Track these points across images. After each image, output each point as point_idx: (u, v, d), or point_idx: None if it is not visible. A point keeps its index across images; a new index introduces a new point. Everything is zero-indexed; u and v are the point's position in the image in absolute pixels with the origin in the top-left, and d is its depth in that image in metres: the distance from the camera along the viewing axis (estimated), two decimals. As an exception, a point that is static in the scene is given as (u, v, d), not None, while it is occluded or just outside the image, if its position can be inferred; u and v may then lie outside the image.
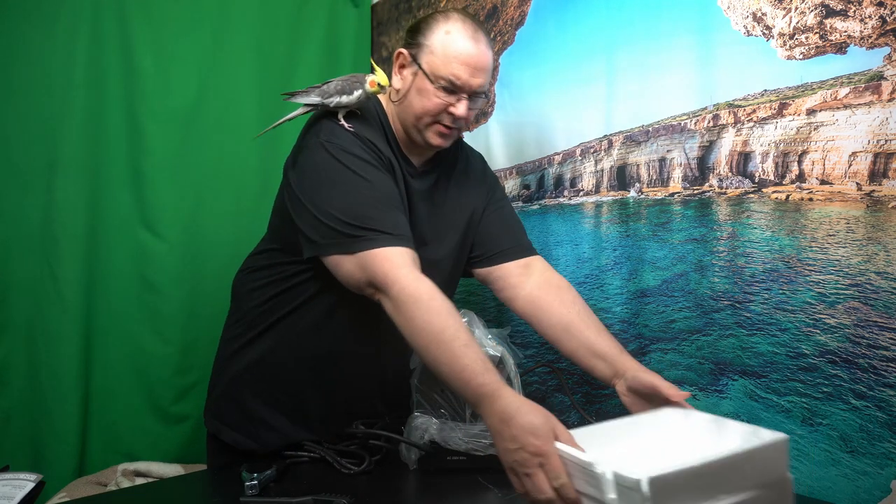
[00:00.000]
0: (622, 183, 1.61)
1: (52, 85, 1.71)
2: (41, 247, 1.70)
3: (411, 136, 1.28)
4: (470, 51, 1.21)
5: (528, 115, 1.83)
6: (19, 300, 1.69)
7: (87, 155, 1.75)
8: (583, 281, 1.66)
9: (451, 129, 1.25)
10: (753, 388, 1.30)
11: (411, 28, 1.29)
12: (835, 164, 1.23)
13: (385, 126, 1.29)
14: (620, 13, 1.58)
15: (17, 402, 1.68)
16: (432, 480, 1.17)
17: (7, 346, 1.68)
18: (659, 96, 1.51)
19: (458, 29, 1.22)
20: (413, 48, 1.24)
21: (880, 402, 1.13)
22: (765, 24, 1.32)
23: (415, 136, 1.27)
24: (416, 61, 1.23)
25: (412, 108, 1.24)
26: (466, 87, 1.21)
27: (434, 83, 1.21)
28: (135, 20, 1.82)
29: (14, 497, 1.02)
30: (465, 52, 1.20)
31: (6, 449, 1.65)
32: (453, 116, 1.22)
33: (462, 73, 1.20)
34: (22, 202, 1.69)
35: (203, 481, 1.36)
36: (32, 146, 1.69)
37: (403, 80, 1.26)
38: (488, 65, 1.24)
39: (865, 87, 1.18)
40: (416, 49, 1.24)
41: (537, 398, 1.70)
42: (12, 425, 1.67)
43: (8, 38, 1.67)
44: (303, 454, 1.29)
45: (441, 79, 1.20)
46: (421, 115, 1.23)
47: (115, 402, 1.80)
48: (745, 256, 1.34)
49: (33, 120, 1.69)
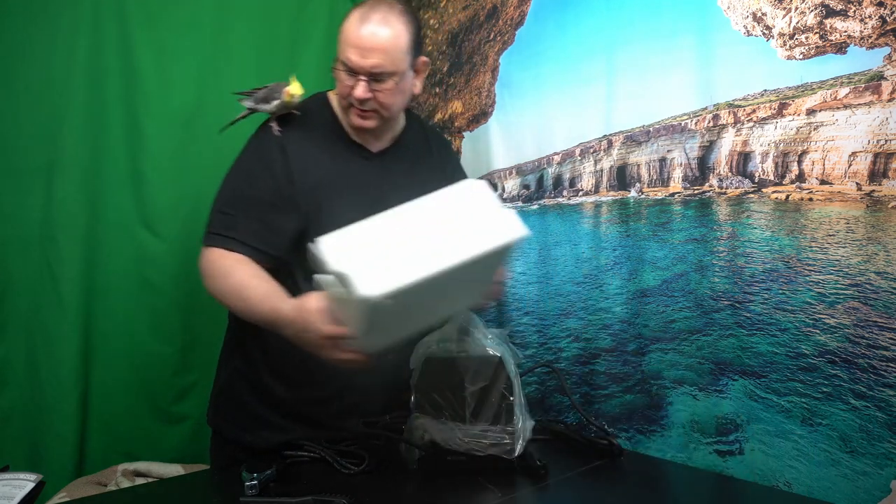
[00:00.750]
0: (622, 183, 1.61)
1: (52, 85, 1.71)
2: (41, 246, 1.70)
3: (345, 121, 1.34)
4: (357, 33, 1.23)
5: (527, 115, 1.83)
6: (19, 300, 1.69)
7: (87, 155, 1.75)
8: (582, 281, 1.66)
9: (364, 111, 1.28)
10: (753, 388, 1.30)
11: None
12: (835, 164, 1.23)
13: (333, 120, 1.35)
14: (620, 13, 1.58)
15: (17, 402, 1.68)
16: (432, 480, 1.17)
17: (6, 345, 1.67)
18: (659, 96, 1.51)
19: (358, 13, 1.25)
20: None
21: (880, 402, 1.13)
22: (765, 24, 1.32)
23: (344, 120, 1.34)
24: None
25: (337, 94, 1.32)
26: (359, 69, 1.24)
27: (339, 69, 1.26)
28: (135, 20, 1.82)
29: (14, 497, 1.01)
30: (354, 35, 1.24)
31: (6, 449, 1.65)
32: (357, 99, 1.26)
33: (352, 56, 1.24)
34: (22, 202, 1.69)
35: (203, 481, 1.36)
36: (32, 146, 1.69)
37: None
38: (381, 44, 1.24)
39: (865, 87, 1.18)
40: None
41: (537, 398, 1.71)
42: (12, 425, 1.67)
43: (8, 38, 1.67)
44: (303, 454, 1.28)
45: (341, 63, 1.25)
46: (340, 100, 1.31)
47: (114, 402, 1.80)
48: (745, 256, 1.34)
49: (33, 120, 1.69)
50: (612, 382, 1.56)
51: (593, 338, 1.61)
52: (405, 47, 1.27)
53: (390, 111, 1.33)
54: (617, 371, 1.55)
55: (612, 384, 1.56)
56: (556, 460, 1.26)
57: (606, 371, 1.57)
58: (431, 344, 1.23)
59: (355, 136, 1.36)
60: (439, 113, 2.11)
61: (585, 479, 1.19)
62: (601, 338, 1.59)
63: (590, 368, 1.61)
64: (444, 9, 2.07)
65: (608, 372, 1.57)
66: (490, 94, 1.94)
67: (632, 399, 1.51)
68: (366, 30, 1.23)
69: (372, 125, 1.33)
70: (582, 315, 1.64)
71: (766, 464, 1.27)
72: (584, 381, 1.61)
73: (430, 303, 0.99)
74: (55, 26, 1.71)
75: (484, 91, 1.96)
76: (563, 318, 1.69)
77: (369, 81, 1.26)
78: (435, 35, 2.11)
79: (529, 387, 1.72)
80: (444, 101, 2.08)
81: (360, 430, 1.30)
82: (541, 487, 1.14)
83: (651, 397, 1.48)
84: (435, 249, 0.89)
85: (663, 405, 1.45)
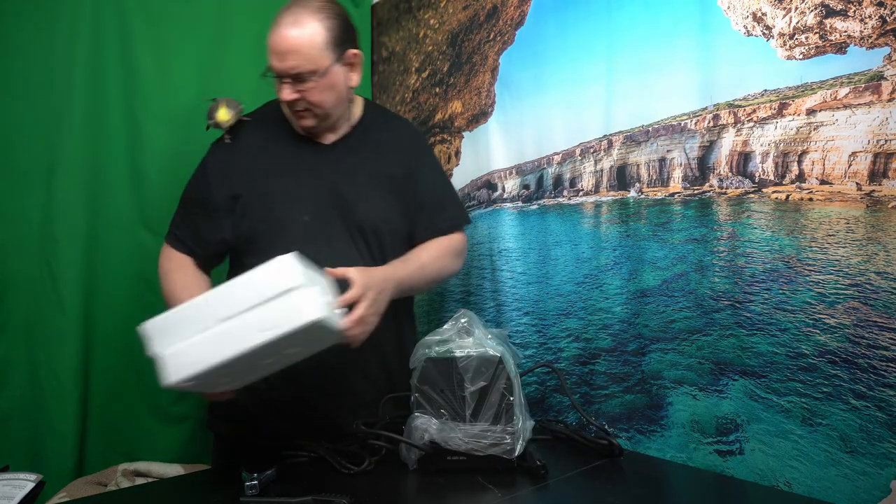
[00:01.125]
0: (622, 183, 1.61)
1: (52, 85, 1.71)
2: (41, 246, 1.70)
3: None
4: (273, 38, 1.28)
5: (527, 115, 1.83)
6: (19, 300, 1.69)
7: (87, 155, 1.75)
8: (582, 281, 1.66)
9: (298, 111, 1.34)
10: (753, 388, 1.30)
11: None
12: (835, 164, 1.23)
13: (284, 121, 1.41)
14: (620, 13, 1.58)
15: (17, 402, 1.68)
16: (432, 480, 1.17)
17: (6, 345, 1.67)
18: (659, 96, 1.51)
19: (277, 18, 1.29)
20: None
21: (880, 402, 1.13)
22: (765, 24, 1.32)
23: (294, 122, 1.40)
24: None
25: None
26: (281, 72, 1.29)
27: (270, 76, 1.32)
28: (135, 20, 1.82)
29: (14, 497, 1.01)
30: (271, 41, 1.29)
31: (6, 449, 1.65)
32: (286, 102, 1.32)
33: (273, 61, 1.29)
34: (22, 202, 1.69)
35: (203, 481, 1.36)
36: (32, 146, 1.69)
37: None
38: (295, 45, 1.27)
39: (865, 87, 1.17)
40: None
41: (537, 398, 1.71)
42: (12, 425, 1.67)
43: (8, 38, 1.67)
44: (303, 454, 1.28)
45: (269, 70, 1.31)
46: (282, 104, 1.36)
47: (114, 402, 1.80)
48: (745, 256, 1.34)
49: (33, 120, 1.69)
50: (612, 382, 1.56)
51: (593, 338, 1.61)
52: (322, 44, 1.29)
53: (323, 108, 1.35)
54: (617, 371, 1.55)
55: (612, 384, 1.56)
56: (556, 460, 1.27)
57: (606, 371, 1.57)
58: (432, 344, 1.23)
59: (305, 132, 1.41)
60: (439, 113, 2.11)
61: (585, 479, 1.19)
62: (601, 338, 1.59)
63: (590, 368, 1.61)
64: (444, 9, 2.07)
65: (608, 372, 1.57)
66: (490, 94, 1.94)
67: (632, 399, 1.51)
68: (279, 34, 1.27)
69: (311, 124, 1.37)
70: (582, 315, 1.64)
71: (766, 464, 1.27)
72: (584, 381, 1.61)
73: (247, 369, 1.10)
74: (55, 26, 1.71)
75: (484, 91, 1.96)
76: (563, 318, 1.69)
77: (293, 83, 1.29)
78: (435, 35, 2.11)
79: (529, 387, 1.72)
80: (444, 101, 2.08)
81: (361, 431, 1.31)
82: (541, 487, 1.14)
83: (651, 397, 1.48)
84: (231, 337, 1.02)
85: (663, 405, 1.45)
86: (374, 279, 1.23)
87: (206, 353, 1.02)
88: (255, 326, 1.02)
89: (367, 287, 1.20)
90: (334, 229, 1.37)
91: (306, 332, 1.04)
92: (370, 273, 1.24)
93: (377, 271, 1.28)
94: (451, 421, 1.19)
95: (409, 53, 2.21)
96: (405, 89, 2.23)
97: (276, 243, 1.29)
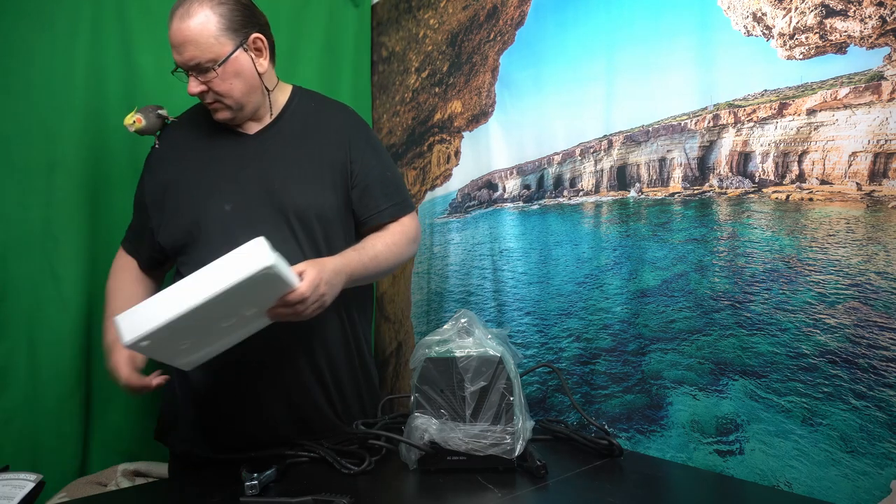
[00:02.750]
0: (622, 183, 1.61)
1: (52, 85, 1.71)
2: (41, 246, 1.70)
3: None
4: (170, 32, 1.27)
5: (528, 115, 1.83)
6: (19, 300, 1.69)
7: (89, 155, 1.75)
8: (583, 281, 1.66)
9: (211, 104, 1.34)
10: (753, 388, 1.30)
11: None
12: (835, 164, 1.23)
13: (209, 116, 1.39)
14: (620, 13, 1.58)
15: (18, 402, 1.68)
16: (432, 480, 1.17)
17: (8, 345, 1.67)
18: (659, 96, 1.51)
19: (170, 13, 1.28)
20: None
21: (880, 402, 1.13)
22: (765, 24, 1.32)
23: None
24: None
25: None
26: (181, 65, 1.29)
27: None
28: (135, 20, 1.82)
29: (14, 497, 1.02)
30: (170, 35, 1.28)
31: (6, 449, 1.65)
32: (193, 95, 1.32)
33: (174, 55, 1.29)
34: (23, 202, 1.69)
35: (203, 481, 1.36)
36: (32, 146, 1.69)
37: None
38: (188, 36, 1.25)
39: (865, 87, 1.18)
40: None
41: (538, 398, 1.71)
42: (12, 425, 1.67)
43: (8, 37, 1.67)
44: (303, 454, 1.28)
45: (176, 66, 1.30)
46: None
47: (115, 402, 1.80)
48: (745, 256, 1.34)
49: (33, 120, 1.69)
50: (613, 382, 1.56)
51: (594, 338, 1.61)
52: (215, 31, 1.27)
53: (233, 97, 1.33)
54: (617, 371, 1.55)
55: (613, 384, 1.56)
56: (556, 460, 1.27)
57: (607, 371, 1.57)
58: (431, 344, 1.23)
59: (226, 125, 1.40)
60: (439, 113, 2.11)
61: (585, 479, 1.19)
62: (601, 338, 1.59)
63: (590, 368, 1.61)
64: (444, 9, 2.07)
65: (608, 372, 1.57)
66: (490, 94, 1.94)
67: (632, 399, 1.51)
68: (172, 27, 1.26)
69: (227, 116, 1.36)
70: (582, 315, 1.64)
71: (766, 464, 1.27)
72: (584, 380, 1.61)
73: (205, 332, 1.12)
74: (55, 26, 1.71)
75: (484, 91, 1.96)
76: (563, 318, 1.69)
77: (196, 75, 1.29)
78: (435, 35, 2.11)
79: (530, 387, 1.73)
80: (444, 101, 2.08)
81: (361, 431, 1.31)
82: (541, 487, 1.14)
83: (651, 397, 1.48)
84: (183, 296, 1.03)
85: (663, 405, 1.45)
86: (325, 271, 1.22)
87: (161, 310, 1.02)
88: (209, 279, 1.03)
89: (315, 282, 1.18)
90: (260, 216, 1.33)
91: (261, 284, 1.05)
92: (322, 264, 1.23)
93: (328, 262, 1.26)
94: (451, 421, 1.20)
95: (409, 53, 2.21)
96: (405, 89, 2.23)
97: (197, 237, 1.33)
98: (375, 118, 2.36)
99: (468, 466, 1.19)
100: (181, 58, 1.27)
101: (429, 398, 1.21)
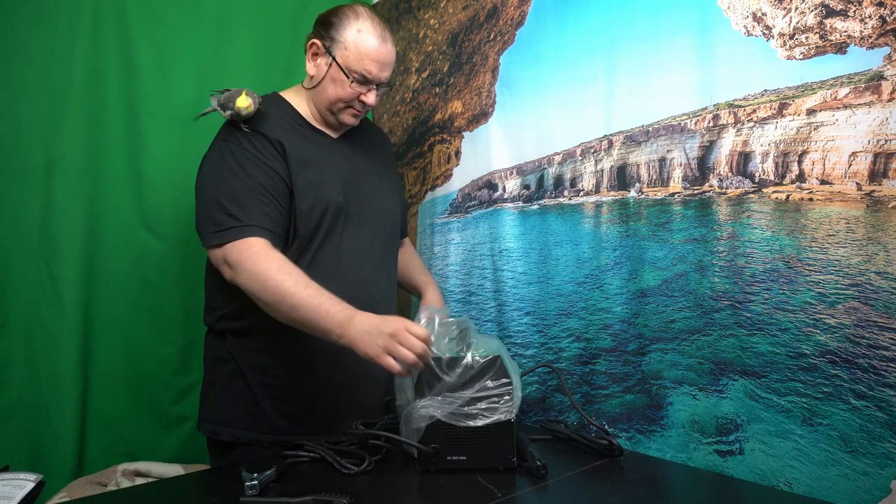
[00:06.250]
0: (622, 183, 1.61)
1: (52, 85, 1.71)
2: (40, 246, 1.70)
3: (325, 117, 1.48)
4: (379, 49, 1.40)
5: (528, 115, 1.83)
6: (18, 300, 1.69)
7: (87, 155, 1.75)
8: (583, 281, 1.66)
9: (359, 112, 1.47)
10: (753, 388, 1.30)
11: (323, 20, 1.44)
12: (835, 164, 1.22)
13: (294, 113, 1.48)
14: (620, 13, 1.58)
15: (17, 402, 1.68)
16: (432, 480, 1.17)
17: (6, 345, 1.68)
18: (659, 96, 1.50)
19: (367, 28, 1.40)
20: (326, 41, 1.41)
21: (880, 402, 1.13)
22: (765, 24, 1.32)
23: (329, 117, 1.47)
24: (331, 54, 1.40)
25: (326, 94, 1.43)
26: (376, 80, 1.43)
27: (349, 77, 1.40)
28: (134, 19, 1.82)
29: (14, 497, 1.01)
30: (375, 51, 1.39)
31: (6, 449, 1.65)
32: (364, 104, 1.44)
33: (373, 69, 1.40)
34: (21, 202, 1.69)
35: (203, 481, 1.36)
36: (32, 146, 1.69)
37: (317, 68, 1.44)
38: (394, 59, 1.45)
39: (865, 87, 1.17)
40: (329, 42, 1.41)
41: (537, 398, 1.71)
42: (12, 425, 1.67)
43: (7, 37, 1.67)
44: (303, 454, 1.28)
45: (355, 73, 1.40)
46: (335, 101, 1.43)
47: (114, 402, 1.80)
48: (745, 256, 1.34)
49: (33, 120, 1.69)
50: (613, 382, 1.56)
51: (594, 338, 1.61)
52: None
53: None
54: (617, 371, 1.55)
55: (613, 384, 1.56)
56: (556, 460, 1.27)
57: (607, 371, 1.57)
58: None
59: (319, 124, 1.49)
60: (439, 113, 2.11)
61: (585, 479, 1.19)
62: (601, 338, 1.59)
63: (590, 368, 1.61)
64: (444, 9, 2.07)
65: (608, 372, 1.57)
66: (490, 94, 1.94)
67: (632, 399, 1.51)
68: (386, 48, 1.41)
69: (358, 122, 1.51)
70: (582, 315, 1.64)
71: (766, 464, 1.27)
72: (584, 380, 1.61)
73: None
74: (55, 26, 1.71)
75: (484, 91, 1.96)
76: (563, 318, 1.69)
77: (377, 89, 1.43)
78: (435, 35, 2.11)
79: (530, 386, 1.72)
80: (444, 101, 2.08)
81: (360, 431, 1.31)
82: (541, 487, 1.14)
83: (651, 397, 1.48)
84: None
85: (663, 405, 1.45)
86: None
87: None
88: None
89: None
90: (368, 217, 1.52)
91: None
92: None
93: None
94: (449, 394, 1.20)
95: (409, 53, 2.21)
96: (405, 89, 2.23)
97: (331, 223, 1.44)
98: (376, 118, 2.36)
99: (468, 466, 1.19)
100: (382, 74, 1.42)
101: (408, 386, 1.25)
